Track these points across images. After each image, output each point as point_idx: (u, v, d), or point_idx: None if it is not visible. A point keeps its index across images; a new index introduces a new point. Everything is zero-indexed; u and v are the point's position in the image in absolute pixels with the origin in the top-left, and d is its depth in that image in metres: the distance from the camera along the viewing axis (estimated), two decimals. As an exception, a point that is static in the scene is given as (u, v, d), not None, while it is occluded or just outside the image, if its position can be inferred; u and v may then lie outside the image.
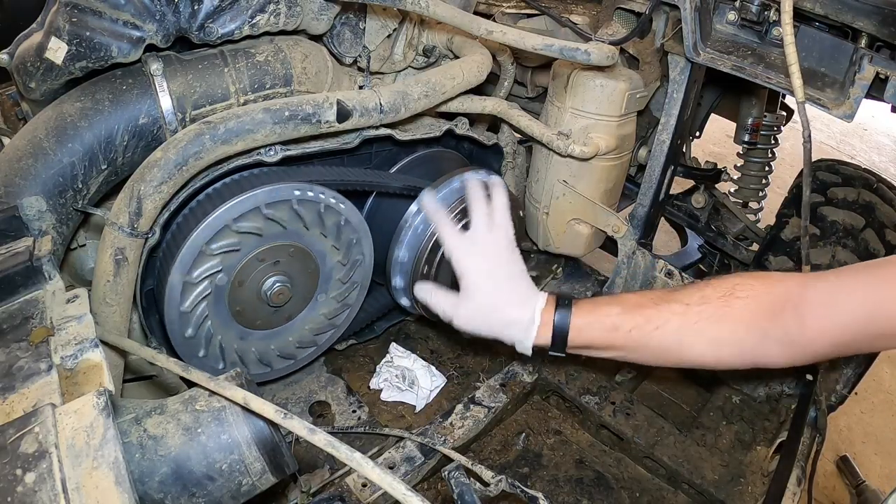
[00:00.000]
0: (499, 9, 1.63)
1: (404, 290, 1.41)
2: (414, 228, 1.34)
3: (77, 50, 0.99)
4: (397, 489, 0.65)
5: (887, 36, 1.16)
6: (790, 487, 1.18)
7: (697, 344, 0.96)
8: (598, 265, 2.00)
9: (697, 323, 0.94)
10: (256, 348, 1.28)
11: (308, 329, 1.34)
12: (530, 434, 1.45)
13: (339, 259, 1.30)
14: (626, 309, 0.98)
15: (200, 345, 1.17)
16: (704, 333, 0.94)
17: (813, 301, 0.88)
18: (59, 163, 1.01)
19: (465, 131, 1.44)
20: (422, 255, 1.33)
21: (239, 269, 1.15)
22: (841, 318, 0.87)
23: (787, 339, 0.91)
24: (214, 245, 1.10)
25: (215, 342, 1.19)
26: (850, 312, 0.86)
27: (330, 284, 1.32)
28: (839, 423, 2.61)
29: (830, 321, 0.87)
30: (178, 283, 1.09)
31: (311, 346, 1.37)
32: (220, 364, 1.22)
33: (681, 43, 1.34)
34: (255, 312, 1.22)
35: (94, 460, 0.58)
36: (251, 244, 1.15)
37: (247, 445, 0.79)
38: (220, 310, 1.17)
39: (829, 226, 1.57)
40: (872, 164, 4.88)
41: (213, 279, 1.12)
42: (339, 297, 1.35)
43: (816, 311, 0.88)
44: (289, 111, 1.09)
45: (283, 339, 1.32)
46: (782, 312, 0.90)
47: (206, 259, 1.10)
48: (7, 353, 0.72)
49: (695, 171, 1.91)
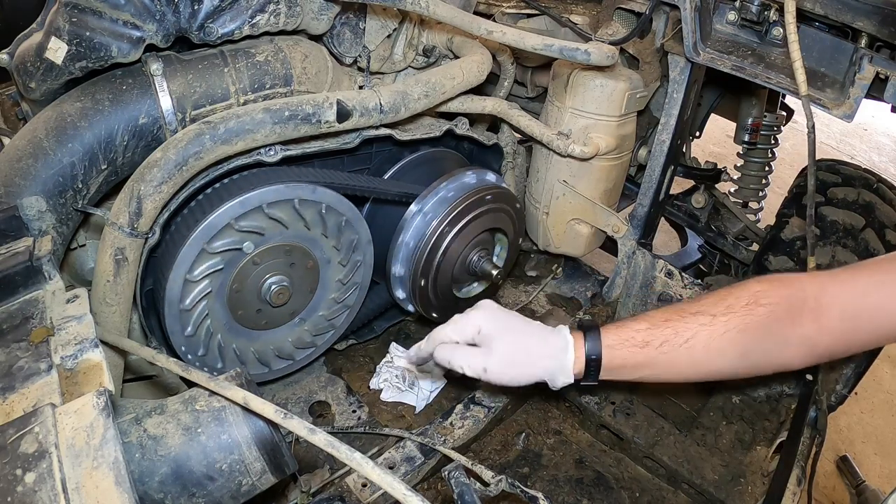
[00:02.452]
0: (499, 9, 1.63)
1: (407, 299, 1.43)
2: (405, 245, 1.34)
3: (77, 50, 0.99)
4: (397, 489, 0.65)
5: (887, 36, 1.17)
6: (790, 487, 1.18)
7: (727, 355, 0.95)
8: (598, 265, 2.00)
9: (726, 334, 0.94)
10: (255, 347, 1.28)
11: (306, 330, 1.34)
12: (530, 434, 1.45)
13: (340, 260, 1.30)
14: (653, 324, 0.98)
15: (199, 343, 1.17)
16: (733, 343, 0.94)
17: (829, 304, 0.90)
18: (59, 163, 1.01)
19: (465, 131, 1.44)
20: (416, 270, 1.34)
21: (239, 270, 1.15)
22: (857, 321, 0.89)
23: (807, 342, 0.92)
24: (217, 243, 1.10)
25: (214, 340, 1.19)
26: (865, 312, 0.88)
27: (329, 286, 1.32)
28: (839, 423, 2.61)
29: (847, 323, 0.89)
30: (179, 279, 1.09)
31: (310, 347, 1.37)
32: (218, 363, 1.21)
33: (681, 43, 1.34)
34: (255, 312, 1.22)
35: (94, 460, 0.58)
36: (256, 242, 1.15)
37: (247, 445, 0.79)
38: (219, 308, 1.17)
39: (829, 226, 1.57)
40: (872, 164, 4.88)
41: (214, 277, 1.12)
42: (339, 298, 1.35)
43: (833, 313, 0.90)
44: (289, 111, 1.09)
45: (283, 338, 1.32)
46: (801, 316, 0.91)
47: (207, 257, 1.10)
48: (7, 353, 0.72)
49: (695, 171, 1.91)
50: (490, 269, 1.40)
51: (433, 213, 1.33)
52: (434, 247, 1.33)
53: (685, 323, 0.96)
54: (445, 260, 1.36)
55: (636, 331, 0.98)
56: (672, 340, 0.96)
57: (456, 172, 1.38)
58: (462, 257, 1.39)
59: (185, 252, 1.07)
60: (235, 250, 1.13)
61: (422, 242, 1.33)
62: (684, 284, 1.58)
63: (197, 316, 1.13)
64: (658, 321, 0.98)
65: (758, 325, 0.93)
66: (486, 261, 1.42)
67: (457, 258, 1.39)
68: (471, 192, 1.35)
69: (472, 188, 1.36)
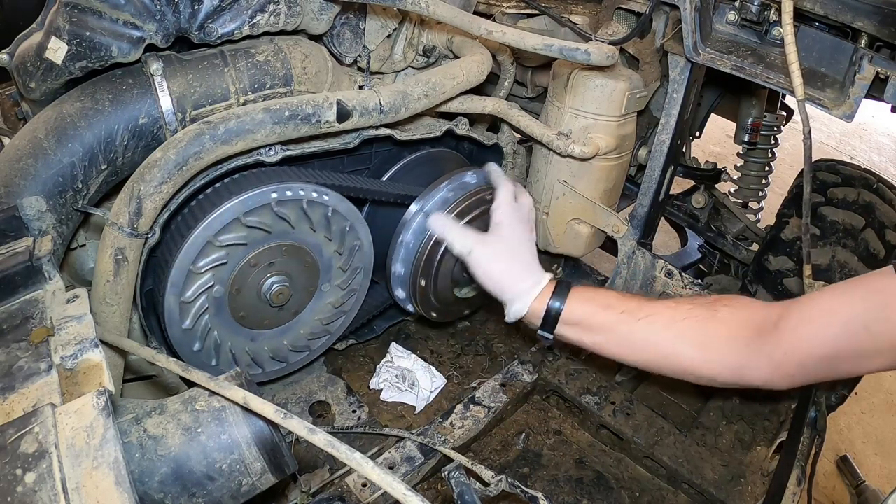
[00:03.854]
0: (499, 9, 1.63)
1: (406, 300, 1.42)
2: (406, 244, 1.34)
3: (77, 50, 0.99)
4: (397, 489, 0.65)
5: (887, 36, 1.17)
6: (790, 487, 1.18)
7: (686, 340, 0.98)
8: (598, 265, 2.00)
9: (686, 320, 0.98)
10: (251, 347, 1.27)
11: (302, 334, 1.34)
12: (530, 434, 1.45)
13: (340, 265, 1.30)
14: (622, 296, 1.06)
15: (196, 338, 1.17)
16: (693, 330, 0.98)
17: (790, 319, 0.91)
18: (59, 163, 1.01)
19: (465, 131, 1.44)
20: (417, 269, 1.34)
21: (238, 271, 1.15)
22: (818, 334, 0.89)
23: (767, 354, 0.93)
24: (224, 236, 1.10)
25: (211, 337, 1.19)
26: (826, 328, 0.88)
27: (328, 290, 1.32)
28: (839, 423, 2.61)
29: (807, 339, 0.90)
30: (180, 274, 1.08)
31: (305, 350, 1.37)
32: (212, 361, 1.21)
33: (681, 43, 1.34)
34: (254, 311, 1.22)
35: (94, 460, 0.58)
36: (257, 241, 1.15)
37: (247, 445, 0.79)
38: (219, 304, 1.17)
39: (829, 226, 1.57)
40: (872, 164, 4.88)
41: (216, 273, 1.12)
42: (336, 303, 1.35)
43: (793, 327, 0.91)
44: (289, 111, 1.09)
45: (278, 340, 1.32)
46: (762, 328, 0.93)
47: (213, 250, 1.10)
48: (7, 353, 0.72)
49: (695, 171, 1.91)
50: None
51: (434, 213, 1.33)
52: (427, 261, 1.33)
53: (651, 303, 1.03)
54: (446, 260, 1.36)
55: (603, 295, 1.07)
56: (634, 312, 1.01)
57: (456, 172, 1.38)
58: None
59: (192, 242, 1.07)
60: (241, 245, 1.13)
61: (422, 242, 1.33)
62: (684, 284, 1.58)
63: (196, 309, 1.13)
64: (627, 296, 1.07)
65: (719, 321, 0.97)
66: None
67: (457, 258, 1.39)
68: (471, 191, 1.35)
69: (473, 188, 1.37)
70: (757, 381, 0.97)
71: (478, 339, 1.70)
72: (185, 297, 1.11)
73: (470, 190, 1.36)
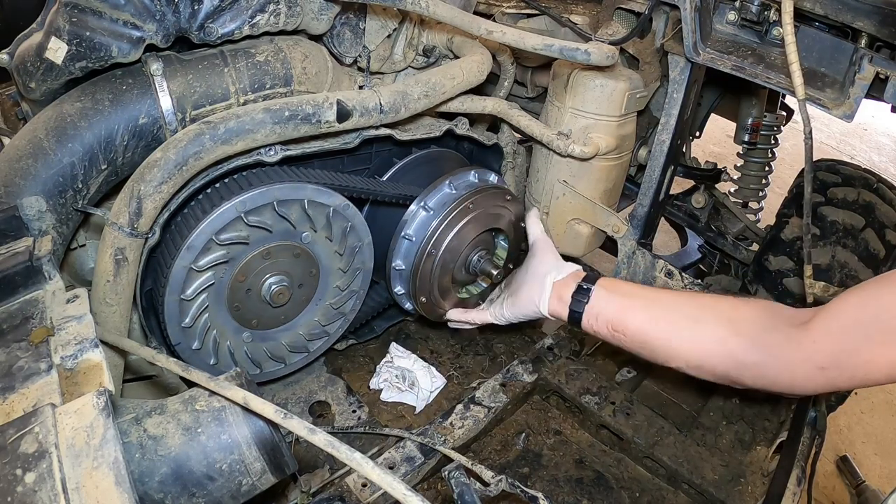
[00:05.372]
0: (499, 9, 1.63)
1: (406, 295, 1.42)
2: (407, 239, 1.34)
3: (77, 50, 0.99)
4: (397, 489, 0.65)
5: (887, 36, 1.17)
6: (790, 487, 1.18)
7: (708, 331, 1.01)
8: (598, 265, 2.00)
9: (714, 309, 1.03)
10: (249, 347, 1.27)
11: (301, 335, 1.34)
12: (530, 434, 1.45)
13: (340, 266, 1.30)
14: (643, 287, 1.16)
15: (195, 336, 1.17)
16: (718, 320, 1.01)
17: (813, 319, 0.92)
18: (59, 163, 1.01)
19: (465, 131, 1.44)
20: (417, 267, 1.34)
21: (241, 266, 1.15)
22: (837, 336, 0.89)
23: (787, 355, 0.93)
24: (225, 235, 1.10)
25: (210, 335, 1.19)
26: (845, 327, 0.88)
27: (328, 291, 1.32)
28: (839, 423, 2.61)
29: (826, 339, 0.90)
30: (184, 267, 1.08)
31: (303, 352, 1.37)
32: (211, 359, 1.21)
33: (681, 43, 1.34)
34: (253, 311, 1.22)
35: (94, 460, 0.58)
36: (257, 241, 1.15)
37: (247, 445, 0.79)
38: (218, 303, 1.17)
39: (829, 226, 1.57)
40: (872, 164, 4.88)
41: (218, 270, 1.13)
42: (336, 304, 1.35)
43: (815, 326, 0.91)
44: (289, 111, 1.09)
45: (277, 340, 1.32)
46: (784, 326, 0.95)
47: (214, 248, 1.10)
48: (7, 353, 0.72)
49: (695, 171, 1.91)
50: (490, 269, 1.40)
51: (435, 213, 1.33)
52: (426, 261, 1.33)
53: (673, 294, 1.10)
54: (445, 260, 1.36)
55: (628, 284, 1.16)
56: (659, 300, 1.08)
57: (457, 172, 1.38)
58: (463, 257, 1.40)
59: (194, 240, 1.07)
60: (241, 244, 1.13)
61: (423, 240, 1.33)
62: (684, 284, 1.58)
63: (196, 307, 1.13)
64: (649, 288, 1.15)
65: (743, 313, 1.00)
66: (487, 261, 1.42)
67: (457, 258, 1.39)
68: (471, 191, 1.35)
69: (474, 188, 1.36)
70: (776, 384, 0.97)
71: (478, 339, 1.70)
72: (185, 295, 1.11)
73: (471, 189, 1.36)
